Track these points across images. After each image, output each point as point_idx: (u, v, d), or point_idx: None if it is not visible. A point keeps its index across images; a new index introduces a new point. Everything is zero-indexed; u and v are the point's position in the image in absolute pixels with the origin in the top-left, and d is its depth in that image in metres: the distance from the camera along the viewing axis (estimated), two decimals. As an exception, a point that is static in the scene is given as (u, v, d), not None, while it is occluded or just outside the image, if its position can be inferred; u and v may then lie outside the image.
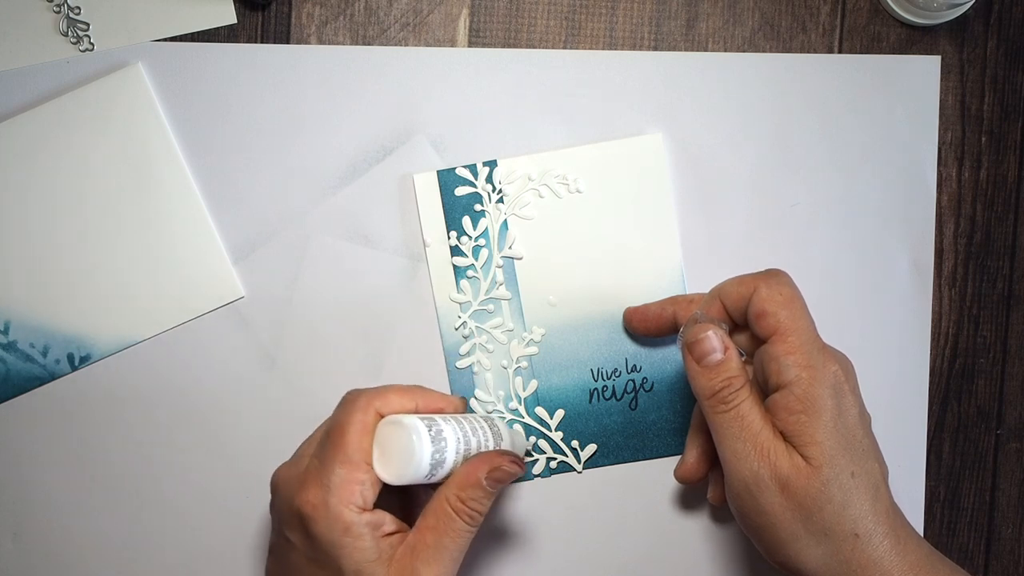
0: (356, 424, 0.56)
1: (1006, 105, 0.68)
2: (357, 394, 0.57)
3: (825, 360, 0.57)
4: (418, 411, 0.58)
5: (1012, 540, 0.69)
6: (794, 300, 0.58)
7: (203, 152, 0.66)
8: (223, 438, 0.67)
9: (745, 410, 0.56)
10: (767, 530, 0.56)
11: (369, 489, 0.55)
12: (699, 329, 0.58)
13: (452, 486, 0.56)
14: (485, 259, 0.66)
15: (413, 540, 0.56)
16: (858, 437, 0.56)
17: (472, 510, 0.56)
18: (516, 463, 0.57)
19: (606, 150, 0.66)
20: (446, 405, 0.59)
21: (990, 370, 0.68)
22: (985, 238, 0.68)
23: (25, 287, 0.66)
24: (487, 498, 0.56)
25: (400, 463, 0.55)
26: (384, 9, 0.67)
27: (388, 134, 0.66)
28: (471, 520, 0.56)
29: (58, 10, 0.66)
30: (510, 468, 0.56)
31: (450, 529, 0.56)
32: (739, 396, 0.57)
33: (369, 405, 0.56)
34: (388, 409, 0.57)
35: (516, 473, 0.57)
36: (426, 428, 0.55)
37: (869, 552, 0.55)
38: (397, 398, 0.57)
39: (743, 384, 0.57)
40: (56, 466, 0.66)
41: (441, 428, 0.56)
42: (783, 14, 0.68)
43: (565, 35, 0.67)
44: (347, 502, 0.55)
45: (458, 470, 0.56)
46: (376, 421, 0.56)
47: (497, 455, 0.57)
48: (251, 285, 0.67)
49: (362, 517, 0.55)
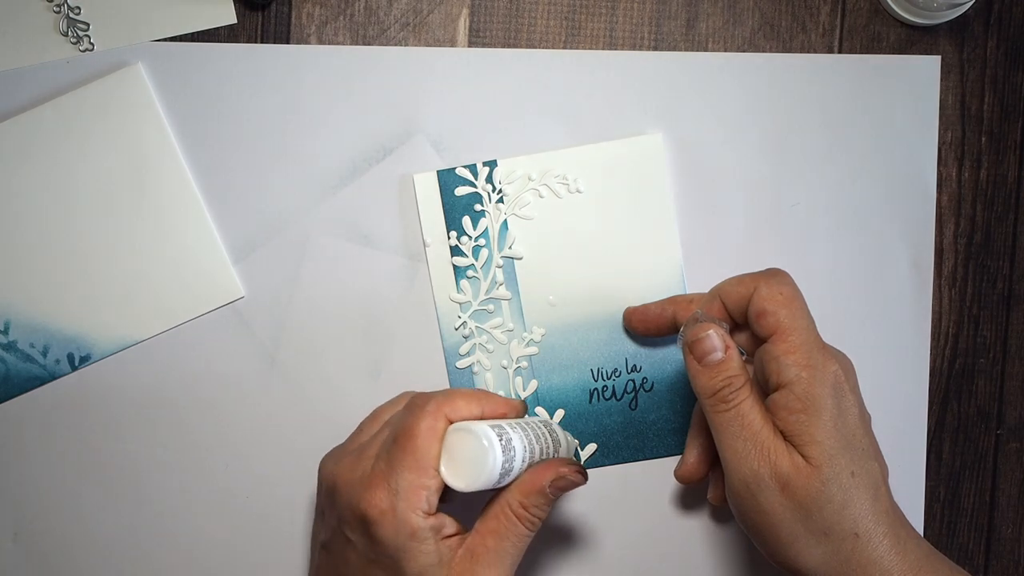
0: (426, 430, 0.55)
1: (1006, 105, 0.68)
2: (426, 399, 0.57)
3: (825, 360, 0.56)
4: (484, 416, 0.58)
5: (1012, 540, 0.69)
6: (794, 299, 0.58)
7: (203, 152, 0.66)
8: (223, 438, 0.67)
9: (746, 409, 0.56)
10: (767, 529, 0.56)
11: (435, 494, 0.55)
12: (700, 328, 0.58)
13: (516, 492, 0.56)
14: (485, 259, 0.66)
15: (472, 544, 0.56)
16: (858, 437, 0.56)
17: (533, 516, 0.56)
18: (580, 473, 0.57)
19: (606, 150, 0.66)
20: (509, 410, 0.59)
21: (990, 370, 0.68)
22: (985, 238, 0.68)
23: (25, 287, 0.66)
24: (548, 505, 0.57)
25: (471, 471, 0.55)
26: (384, 9, 0.67)
27: (388, 134, 0.66)
28: (531, 526, 0.56)
29: (58, 10, 0.66)
30: (574, 478, 0.57)
31: (511, 534, 0.56)
32: (740, 395, 0.57)
33: (439, 411, 0.56)
34: (456, 415, 0.57)
35: (579, 483, 0.57)
36: (497, 437, 0.55)
37: (869, 552, 0.55)
38: (464, 403, 0.57)
39: (744, 383, 0.57)
40: (56, 466, 0.66)
41: (510, 436, 0.56)
42: (783, 14, 0.68)
43: (565, 35, 0.67)
44: (415, 507, 0.55)
45: (523, 477, 0.56)
46: (445, 427, 0.56)
47: (562, 464, 0.57)
48: (251, 285, 0.67)
49: (428, 522, 0.55)
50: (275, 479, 0.67)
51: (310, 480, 0.64)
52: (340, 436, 0.62)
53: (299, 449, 0.66)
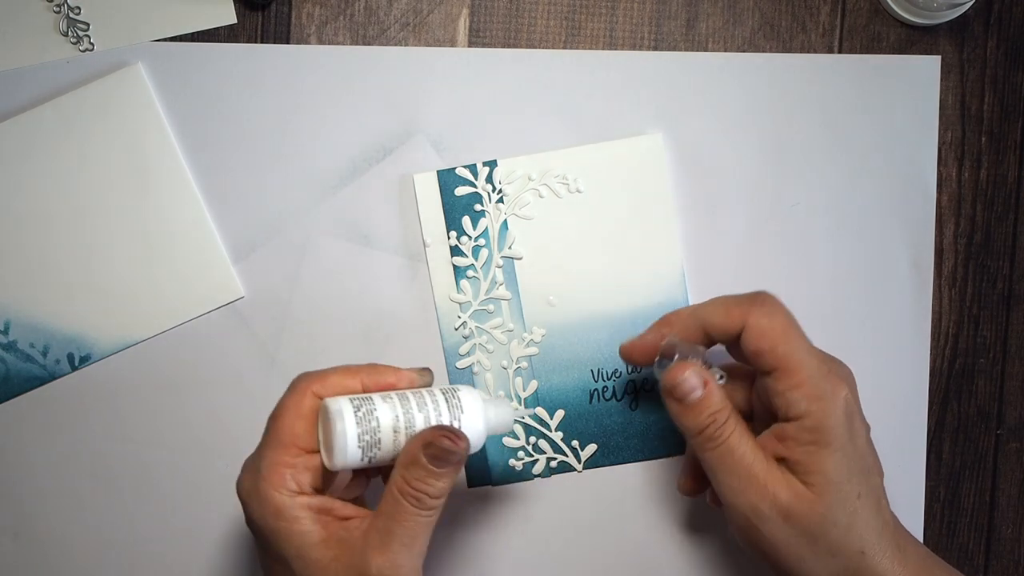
0: (289, 407, 0.54)
1: (1006, 105, 0.68)
2: (299, 377, 0.55)
3: (834, 387, 0.55)
4: (365, 389, 0.55)
5: (1012, 540, 0.69)
6: (789, 329, 0.56)
7: (203, 152, 0.66)
8: (223, 438, 0.67)
9: (735, 443, 0.55)
10: (773, 555, 0.56)
11: (303, 473, 0.53)
12: (676, 371, 0.56)
13: (398, 467, 0.53)
14: (485, 259, 0.66)
15: (366, 524, 0.53)
16: (866, 457, 0.56)
17: (418, 491, 0.52)
18: (449, 438, 0.52)
19: (606, 150, 0.66)
20: (397, 380, 0.56)
21: (990, 370, 0.68)
22: (985, 238, 0.68)
23: (25, 287, 0.66)
24: (433, 478, 0.52)
25: (331, 447, 0.53)
26: (384, 9, 0.67)
27: (388, 134, 0.66)
28: (418, 503, 0.52)
29: (58, 10, 0.66)
30: (442, 444, 0.52)
31: (398, 513, 0.52)
32: (726, 430, 0.55)
33: (307, 388, 0.54)
34: (327, 390, 0.55)
35: (452, 449, 0.52)
36: (353, 409, 0.53)
37: (874, 566, 0.55)
38: (339, 378, 0.55)
39: (728, 416, 0.56)
40: (56, 466, 0.66)
41: (373, 407, 0.53)
42: (783, 14, 0.68)
43: (565, 35, 0.67)
44: (277, 486, 0.53)
45: (401, 450, 0.53)
46: (313, 404, 0.54)
47: (431, 430, 0.53)
48: (251, 285, 0.67)
49: (296, 500, 0.53)
50: (275, 479, 0.67)
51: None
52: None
53: (299, 449, 0.66)
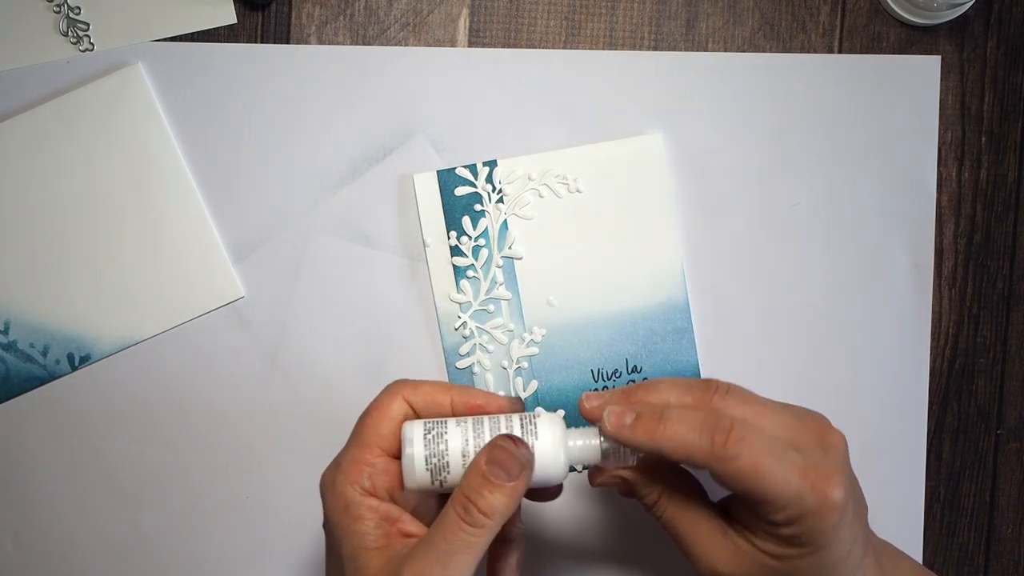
0: (378, 408, 0.54)
1: (1006, 105, 0.68)
2: (394, 382, 0.55)
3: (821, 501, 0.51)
4: (453, 406, 0.54)
5: (1012, 540, 0.69)
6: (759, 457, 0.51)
7: (203, 152, 0.66)
8: (223, 438, 0.67)
9: (681, 526, 0.56)
10: None
11: (381, 475, 0.53)
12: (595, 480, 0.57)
13: (461, 483, 0.51)
14: (485, 259, 0.66)
15: (422, 539, 0.51)
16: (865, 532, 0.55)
17: (468, 500, 0.50)
18: (511, 439, 0.51)
19: (606, 150, 0.66)
20: (487, 403, 0.54)
21: (990, 370, 0.68)
22: (985, 238, 0.68)
23: (25, 287, 0.66)
24: (487, 489, 0.50)
25: (403, 470, 0.53)
26: (384, 9, 0.67)
27: (388, 134, 0.66)
28: (465, 514, 0.50)
29: (58, 10, 0.66)
30: (502, 445, 0.51)
31: (443, 524, 0.50)
32: (665, 519, 0.56)
33: (398, 392, 0.54)
34: (417, 398, 0.54)
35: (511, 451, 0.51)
36: (423, 432, 0.52)
37: None
38: (431, 388, 0.54)
39: (662, 513, 0.56)
40: (56, 466, 0.66)
41: (444, 431, 0.52)
42: (783, 14, 0.68)
43: (565, 35, 0.67)
44: (352, 481, 0.52)
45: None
46: (402, 408, 0.54)
47: (499, 437, 0.52)
48: (251, 285, 0.67)
49: (366, 499, 0.52)
50: (275, 479, 0.67)
51: (310, 480, 0.64)
52: (340, 436, 0.61)
53: (299, 449, 0.66)
